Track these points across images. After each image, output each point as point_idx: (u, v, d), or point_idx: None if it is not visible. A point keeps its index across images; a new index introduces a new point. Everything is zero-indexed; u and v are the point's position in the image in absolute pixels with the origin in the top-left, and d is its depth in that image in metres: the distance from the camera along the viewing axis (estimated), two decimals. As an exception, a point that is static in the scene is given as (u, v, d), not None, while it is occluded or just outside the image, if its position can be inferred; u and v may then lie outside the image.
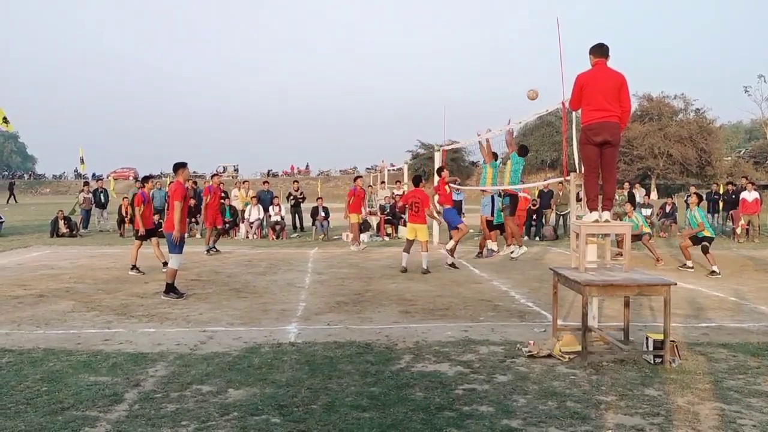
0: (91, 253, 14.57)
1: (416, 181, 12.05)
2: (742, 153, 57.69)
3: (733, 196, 19.12)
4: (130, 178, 58.22)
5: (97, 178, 39.67)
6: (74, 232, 18.77)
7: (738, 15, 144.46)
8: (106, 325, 7.09)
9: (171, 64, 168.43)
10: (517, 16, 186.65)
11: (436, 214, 12.10)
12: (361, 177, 17.32)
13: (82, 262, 12.70)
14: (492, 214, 12.97)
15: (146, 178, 12.71)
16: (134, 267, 11.08)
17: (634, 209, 19.06)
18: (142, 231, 11.22)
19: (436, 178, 13.56)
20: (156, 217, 18.78)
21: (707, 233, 11.92)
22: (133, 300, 8.58)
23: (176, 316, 7.59)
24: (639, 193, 19.60)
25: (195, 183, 21.46)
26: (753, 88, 40.97)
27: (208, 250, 13.90)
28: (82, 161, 26.36)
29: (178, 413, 4.29)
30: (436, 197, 12.74)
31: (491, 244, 13.08)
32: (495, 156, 12.96)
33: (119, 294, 9.04)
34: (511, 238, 11.82)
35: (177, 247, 8.83)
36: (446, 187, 12.62)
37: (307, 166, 74.69)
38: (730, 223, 19.29)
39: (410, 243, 11.44)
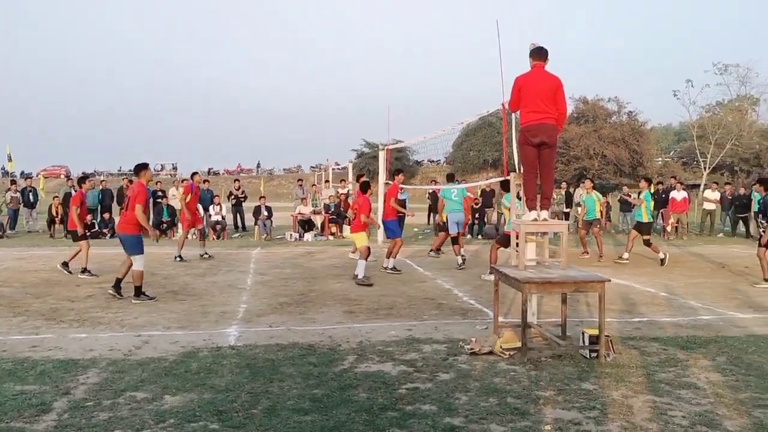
0: (19, 255, 13.97)
1: (364, 187, 11.04)
2: (671, 154, 60.09)
3: (663, 196, 19.86)
4: (62, 176, 56.10)
5: (26, 176, 38.12)
6: (1, 234, 17.96)
7: (668, 23, 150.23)
8: (33, 330, 6.80)
9: (98, 56, 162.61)
10: (463, 15, 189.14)
11: (373, 218, 11.42)
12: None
13: (9, 265, 12.16)
14: (457, 231, 12.88)
15: (83, 178, 12.21)
16: (85, 270, 10.64)
17: (571, 209, 19.70)
18: (81, 231, 10.73)
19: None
20: (89, 218, 18.27)
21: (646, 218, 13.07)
22: (63, 304, 8.26)
23: (109, 320, 7.35)
24: (581, 192, 20.04)
25: (131, 182, 20.87)
26: (681, 92, 42.69)
27: (179, 257, 13.03)
28: (10, 159, 25.30)
29: (110, 422, 4.14)
30: (391, 200, 12.37)
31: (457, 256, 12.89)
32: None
33: (48, 298, 8.68)
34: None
35: (138, 247, 8.63)
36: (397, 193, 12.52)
37: (258, 164, 73.61)
38: (661, 221, 20.03)
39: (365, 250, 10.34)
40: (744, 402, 4.54)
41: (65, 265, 10.88)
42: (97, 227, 18.61)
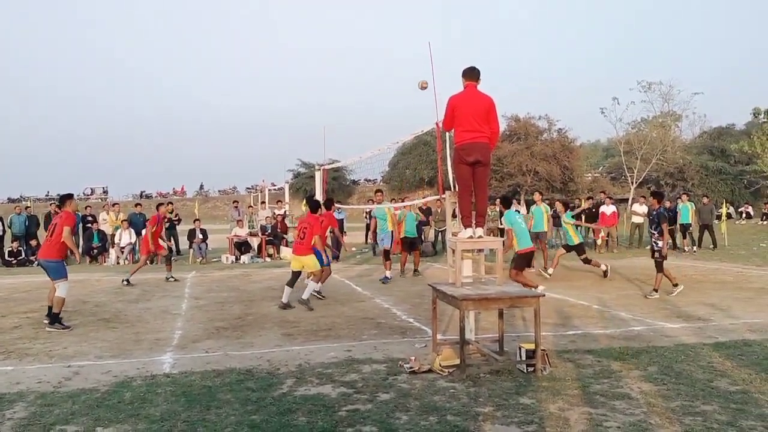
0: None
1: (312, 205, 10.38)
2: (600, 169, 62.25)
3: (593, 210, 20.52)
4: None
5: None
6: None
7: (595, 41, 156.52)
8: (-46, 365, 6.44)
9: (17, 72, 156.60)
10: (401, 32, 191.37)
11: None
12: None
13: (-74, 297, 11.48)
14: (390, 245, 12.94)
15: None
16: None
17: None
18: None
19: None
20: (15, 245, 17.50)
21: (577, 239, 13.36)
22: (-14, 336, 7.85)
23: (37, 351, 7.02)
24: (517, 208, 20.42)
25: (59, 207, 20.12)
26: (608, 110, 44.31)
27: (127, 281, 12.74)
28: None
29: (38, 459, 3.95)
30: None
31: (387, 273, 12.90)
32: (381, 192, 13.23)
33: (-30, 330, 8.24)
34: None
35: (62, 272, 8.42)
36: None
37: (202, 186, 72.05)
38: (591, 235, 20.68)
39: (296, 276, 9.95)
40: (675, 410, 4.71)
41: None
42: (23, 255, 17.84)
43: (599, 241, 19.50)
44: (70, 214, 8.78)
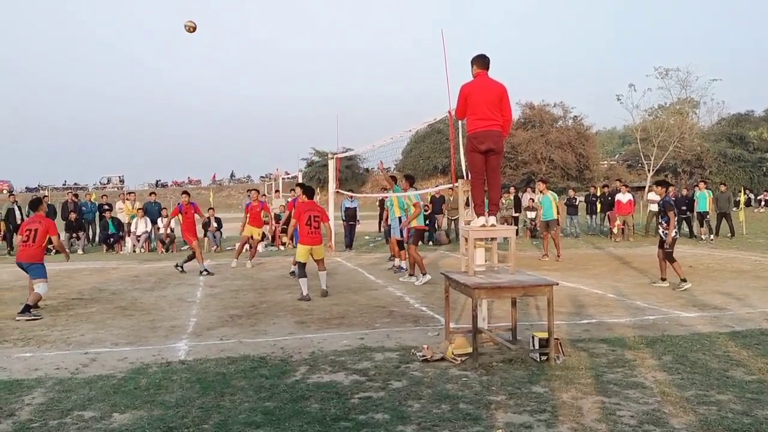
0: (-42, 274, 13.40)
1: (310, 192, 10.34)
2: (616, 157, 61.77)
3: (609, 198, 20.38)
4: (4, 191, 54.19)
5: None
6: (-63, 252, 17.23)
7: (610, 27, 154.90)
8: (-26, 352, 6.54)
9: (35, 62, 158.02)
10: (412, 22, 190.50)
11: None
12: (256, 190, 16.41)
13: (-53, 285, 11.65)
14: (401, 235, 12.76)
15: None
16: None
17: (519, 213, 20.03)
18: None
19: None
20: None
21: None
22: (6, 323, 7.96)
23: (55, 338, 7.12)
24: (531, 196, 20.25)
25: (76, 196, 20.32)
26: (624, 97, 43.86)
27: (206, 270, 12.77)
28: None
29: (56, 444, 4.01)
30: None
31: (399, 261, 12.79)
32: (394, 179, 12.83)
33: (-10, 317, 8.37)
34: (413, 267, 11.32)
35: (44, 273, 8.78)
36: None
37: (232, 174, 72.42)
38: (607, 224, 20.55)
39: (304, 265, 9.60)
40: (689, 399, 4.68)
41: None
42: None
43: (615, 230, 19.37)
44: (51, 222, 9.09)
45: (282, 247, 18.12)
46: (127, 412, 4.59)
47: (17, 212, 18.48)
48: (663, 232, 10.25)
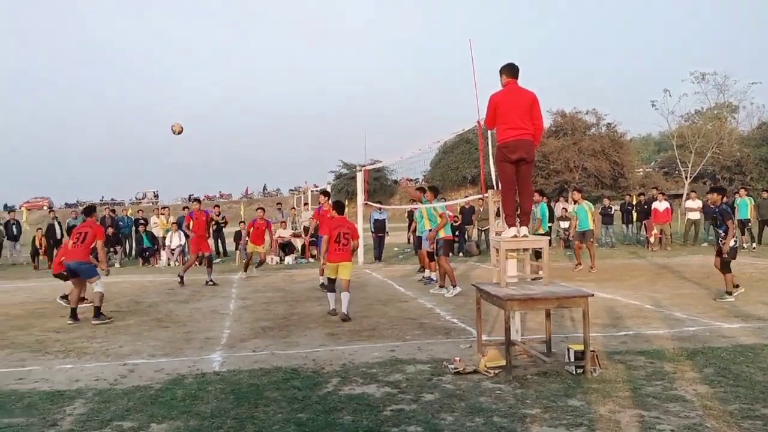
0: (4, 287, 13.78)
1: (341, 208, 9.72)
2: (652, 164, 60.77)
3: (645, 207, 20.03)
4: (44, 207, 55.57)
5: (9, 209, 37.63)
6: (-18, 267, 17.73)
7: (642, 31, 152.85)
8: (19, 363, 6.70)
9: (73, 81, 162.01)
10: (436, 34, 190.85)
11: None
12: (262, 208, 16.40)
13: (-10, 298, 11.97)
14: (429, 247, 12.66)
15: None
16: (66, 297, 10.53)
17: (552, 223, 19.80)
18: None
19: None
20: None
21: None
22: (48, 335, 8.14)
23: (95, 350, 7.25)
24: (564, 206, 20.01)
25: (113, 211, 20.75)
26: (659, 102, 43.17)
27: (181, 280, 13.21)
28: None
29: (93, 455, 4.07)
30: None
31: (429, 273, 12.74)
32: (423, 191, 12.72)
33: (34, 330, 8.56)
34: (443, 278, 11.19)
35: (95, 271, 9.31)
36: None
37: (265, 187, 73.22)
38: (644, 233, 20.19)
39: (333, 281, 9.29)
40: (733, 414, 4.54)
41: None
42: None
43: (652, 239, 19.02)
44: (101, 228, 9.80)
45: (311, 259, 18.20)
46: (164, 422, 4.65)
47: (57, 228, 18.94)
48: (721, 241, 9.83)
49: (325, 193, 13.39)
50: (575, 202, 14.73)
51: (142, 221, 19.78)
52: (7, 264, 19.49)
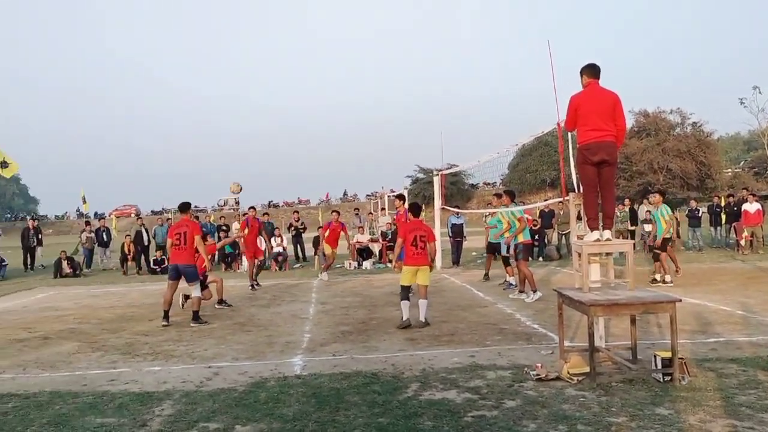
0: (95, 292, 14.55)
1: (417, 210, 9.53)
2: (741, 164, 57.82)
3: (735, 208, 19.10)
4: (132, 215, 58.42)
5: (100, 216, 39.78)
6: (77, 272, 18.78)
7: (728, 27, 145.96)
8: (111, 365, 7.05)
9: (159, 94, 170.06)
10: (512, 34, 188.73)
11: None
12: (337, 211, 16.90)
13: (86, 302, 12.68)
14: (507, 252, 12.51)
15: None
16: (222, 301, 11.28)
17: (635, 226, 19.12)
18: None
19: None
20: (158, 253, 18.91)
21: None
22: (137, 338, 8.55)
23: (181, 353, 7.55)
24: (648, 209, 19.32)
25: (197, 218, 21.53)
26: (749, 100, 41.06)
27: (252, 286, 13.68)
28: (84, 200, 26.47)
29: (185, 453, 4.24)
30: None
31: (509, 278, 12.60)
32: (500, 195, 12.53)
33: (123, 333, 9.01)
34: (523, 283, 11.01)
35: (197, 276, 9.58)
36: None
37: (345, 192, 74.49)
38: (734, 236, 19.25)
39: (408, 288, 8.84)
40: (833, 425, 4.29)
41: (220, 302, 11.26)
42: (166, 262, 19.23)
43: (743, 242, 18.08)
44: (196, 224, 9.90)
45: (389, 264, 18.31)
46: (248, 424, 4.79)
47: (144, 234, 19.84)
48: None
49: (400, 197, 13.47)
50: (654, 205, 14.13)
51: (224, 228, 20.43)
52: (98, 269, 20.57)
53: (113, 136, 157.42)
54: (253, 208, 16.09)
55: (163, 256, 19.16)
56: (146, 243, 19.81)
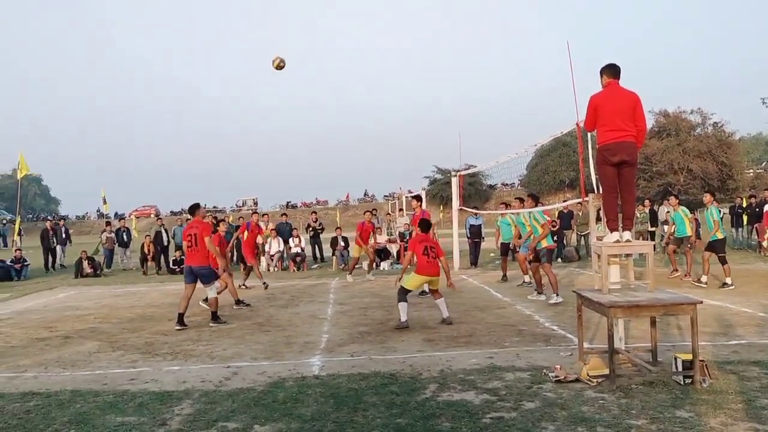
0: (115, 292, 14.70)
1: (426, 226, 9.43)
2: (764, 165, 57.05)
3: (757, 209, 18.85)
4: (152, 215, 58.97)
5: (120, 217, 40.20)
6: (98, 272, 18.99)
7: (750, 26, 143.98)
8: (131, 364, 7.12)
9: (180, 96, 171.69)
10: (531, 35, 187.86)
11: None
12: (369, 211, 17.22)
13: (107, 302, 12.82)
14: (516, 251, 12.47)
15: (219, 222, 12.40)
16: (239, 301, 11.29)
17: (656, 227, 18.94)
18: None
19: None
20: (178, 254, 19.08)
21: (720, 234, 11.85)
22: (157, 338, 8.63)
23: (200, 352, 7.61)
24: (668, 210, 19.14)
25: (215, 218, 21.67)
26: (770, 99, 40.35)
27: (244, 285, 13.88)
28: (105, 201, 26.77)
29: (204, 452, 4.27)
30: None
31: (526, 277, 12.62)
32: (522, 200, 12.49)
33: (143, 332, 9.09)
34: (540, 284, 11.03)
35: (213, 277, 9.62)
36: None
37: (365, 192, 74.63)
38: (755, 237, 18.99)
39: (408, 291, 8.92)
40: None
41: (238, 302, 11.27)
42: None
43: (765, 243, 17.83)
44: (206, 225, 9.73)
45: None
46: (267, 424, 4.81)
47: (164, 234, 20.01)
48: None
49: (417, 198, 13.45)
50: (672, 207, 14.06)
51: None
52: (119, 269, 20.78)
53: (133, 138, 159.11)
54: (256, 213, 16.24)
55: (182, 257, 19.31)
56: (166, 243, 19.98)
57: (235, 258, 20.56)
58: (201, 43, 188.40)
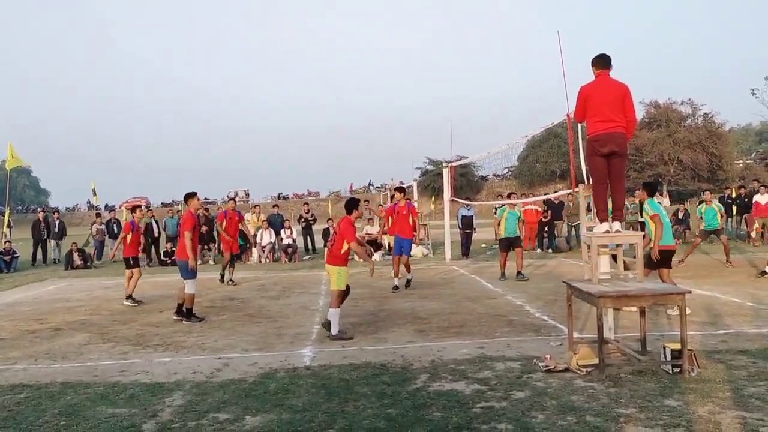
0: (106, 284, 14.64)
1: (346, 208, 8.24)
2: (753, 156, 57.38)
3: (746, 200, 18.97)
4: (142, 206, 58.66)
5: (110, 209, 39.95)
6: (88, 264, 18.90)
7: (740, 18, 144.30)
8: (122, 356, 7.10)
9: (181, 83, 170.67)
10: (520, 25, 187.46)
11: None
12: (367, 200, 17.00)
13: (97, 294, 12.77)
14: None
15: (134, 208, 12.44)
16: (129, 297, 10.99)
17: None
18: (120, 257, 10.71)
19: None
20: (169, 245, 19.02)
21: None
22: (148, 330, 8.61)
23: (191, 344, 7.60)
24: (659, 200, 19.27)
25: (207, 210, 21.59)
26: (760, 91, 40.58)
27: (221, 278, 13.59)
28: (95, 193, 26.62)
29: (195, 443, 4.28)
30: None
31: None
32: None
33: (134, 324, 9.07)
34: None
35: (189, 272, 9.07)
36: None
37: (370, 182, 74.28)
38: (745, 227, 19.13)
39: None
40: (844, 417, 4.27)
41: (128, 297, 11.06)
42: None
43: (754, 234, 17.97)
44: (191, 215, 9.35)
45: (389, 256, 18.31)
46: (258, 415, 4.82)
47: (155, 226, 19.91)
48: None
49: (400, 189, 13.35)
50: (706, 203, 14.11)
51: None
52: (109, 261, 20.64)
53: (124, 131, 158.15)
54: (233, 200, 15.95)
55: (173, 248, 19.25)
56: (156, 235, 19.89)
57: (217, 250, 20.53)
58: (201, 43, 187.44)
